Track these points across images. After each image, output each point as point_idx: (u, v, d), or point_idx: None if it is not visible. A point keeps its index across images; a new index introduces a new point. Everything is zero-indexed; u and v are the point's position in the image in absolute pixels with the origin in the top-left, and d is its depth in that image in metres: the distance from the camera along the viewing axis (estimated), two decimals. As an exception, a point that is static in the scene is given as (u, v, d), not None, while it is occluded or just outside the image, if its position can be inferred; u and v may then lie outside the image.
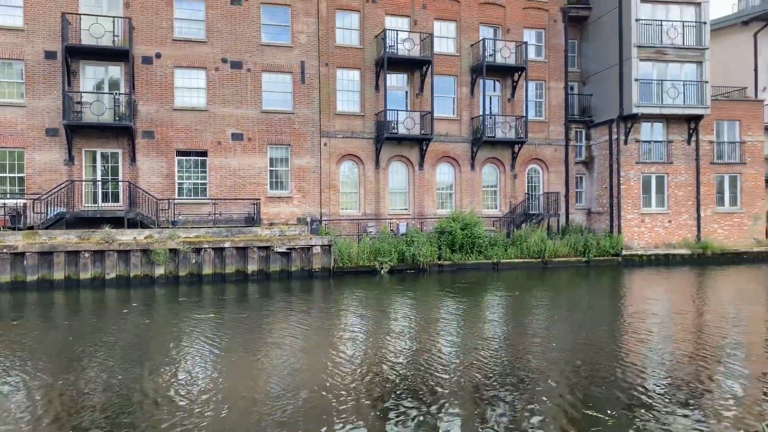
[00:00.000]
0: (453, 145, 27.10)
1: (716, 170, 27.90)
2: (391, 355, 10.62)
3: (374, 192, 25.95)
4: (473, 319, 14.51)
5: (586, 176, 29.41)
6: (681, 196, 27.47)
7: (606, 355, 10.68)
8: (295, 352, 10.94)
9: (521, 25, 28.08)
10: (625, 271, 24.32)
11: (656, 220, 27.27)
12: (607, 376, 9.28)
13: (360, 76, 26.00)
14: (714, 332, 12.81)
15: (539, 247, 24.84)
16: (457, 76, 27.28)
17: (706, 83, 26.57)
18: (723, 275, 22.84)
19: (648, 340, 11.97)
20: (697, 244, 26.83)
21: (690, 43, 26.60)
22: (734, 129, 28.26)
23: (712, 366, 9.94)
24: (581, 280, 22.07)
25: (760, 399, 8.27)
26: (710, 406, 7.96)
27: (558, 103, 28.73)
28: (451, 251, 23.90)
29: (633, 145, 27.10)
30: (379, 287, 19.76)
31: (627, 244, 26.60)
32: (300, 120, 24.85)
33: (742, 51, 31.41)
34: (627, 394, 8.45)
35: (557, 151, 28.61)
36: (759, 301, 17.22)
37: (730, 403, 8.09)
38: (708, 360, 10.33)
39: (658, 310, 15.86)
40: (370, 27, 26.04)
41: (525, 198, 27.92)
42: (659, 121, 27.31)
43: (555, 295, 18.52)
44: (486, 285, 20.21)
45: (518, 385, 8.83)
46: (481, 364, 10.01)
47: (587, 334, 12.53)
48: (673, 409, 7.80)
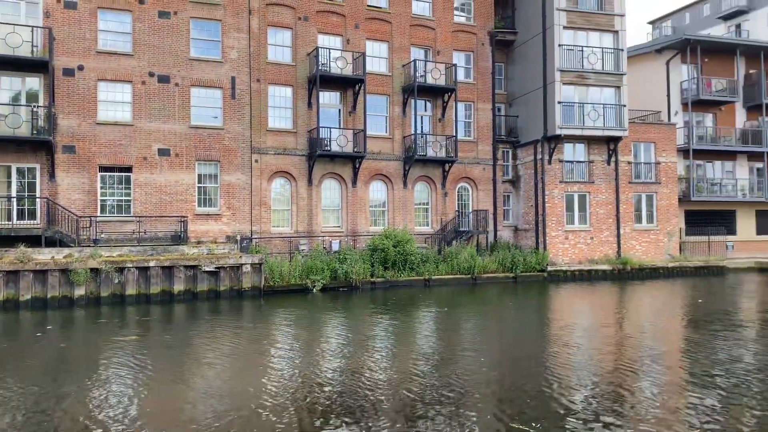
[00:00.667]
0: (386, 163, 27.35)
1: (634, 189, 29.39)
2: (324, 374, 10.52)
3: (307, 209, 25.79)
4: (405, 335, 14.60)
5: (513, 194, 30.31)
6: (602, 213, 28.74)
7: (534, 367, 10.95)
8: (223, 374, 10.65)
9: (451, 47, 28.82)
10: (551, 286, 25.12)
11: (579, 236, 28.38)
12: (534, 389, 9.49)
13: (292, 93, 25.91)
14: (635, 344, 13.44)
15: (469, 263, 25.32)
16: (390, 96, 27.64)
17: (624, 107, 28.04)
18: (641, 289, 23.97)
19: (573, 353, 12.39)
20: (618, 260, 28.07)
21: (609, 68, 28.05)
22: (650, 150, 29.91)
23: (634, 376, 10.35)
24: (509, 295, 22.63)
25: (679, 406, 8.66)
26: (633, 415, 8.26)
27: (486, 124, 29.57)
28: (383, 268, 23.99)
29: (557, 165, 28.19)
30: (311, 306, 19.58)
31: (552, 260, 27.52)
32: (230, 136, 24.47)
33: (656, 77, 33.37)
34: (554, 405, 8.66)
35: (486, 170, 29.38)
36: (674, 314, 18.17)
37: (652, 411, 8.43)
38: (630, 370, 10.75)
39: (582, 323, 16.48)
40: (302, 44, 26.05)
41: (455, 215, 28.45)
42: (581, 142, 28.56)
43: (484, 311, 18.91)
44: (418, 302, 20.39)
45: (449, 400, 8.90)
46: (413, 381, 10.05)
47: (515, 348, 12.85)
48: (598, 419, 8.05)
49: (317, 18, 26.39)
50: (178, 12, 23.72)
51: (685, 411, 8.44)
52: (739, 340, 13.55)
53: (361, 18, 27.13)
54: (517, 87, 30.41)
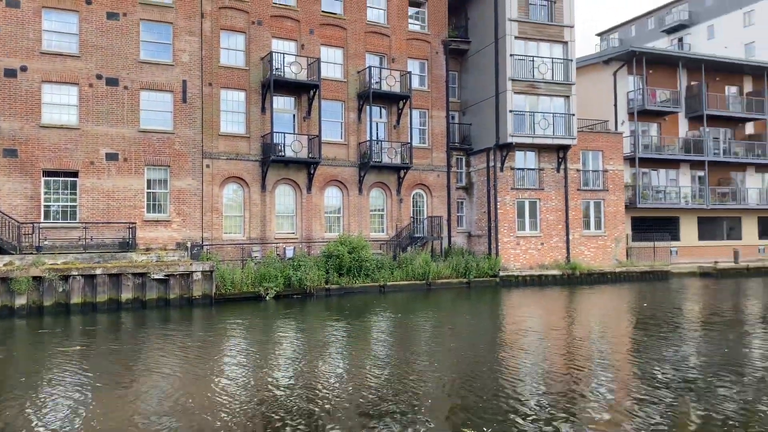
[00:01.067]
0: (341, 169, 27.31)
1: (583, 196, 30.18)
2: (278, 382, 10.38)
3: (260, 216, 25.49)
4: (359, 342, 14.57)
5: (467, 201, 30.70)
6: (552, 220, 29.39)
7: (487, 371, 11.07)
8: (173, 384, 10.39)
9: (405, 55, 29.04)
10: (503, 291, 25.53)
11: (530, 242, 28.94)
12: (488, 393, 9.59)
13: (246, 98, 25.62)
14: (585, 346, 13.82)
15: (424, 269, 25.49)
16: (345, 102, 27.64)
17: (573, 116, 28.79)
18: (590, 294, 24.59)
19: (525, 356, 12.61)
20: (567, 265, 28.74)
21: (559, 78, 28.76)
22: (598, 158, 30.78)
23: (585, 378, 10.62)
24: (463, 300, 22.88)
25: (627, 406, 8.90)
26: (583, 415, 8.44)
27: (440, 131, 29.88)
28: (338, 275, 23.90)
29: (508, 172, 28.70)
30: (264, 313, 19.34)
31: (504, 265, 27.97)
32: (181, 140, 24.00)
33: (604, 87, 34.41)
34: (507, 408, 8.77)
35: (440, 177, 29.67)
36: (621, 317, 18.75)
37: (602, 411, 8.65)
38: (581, 372, 11.03)
39: (534, 327, 16.79)
40: (256, 49, 25.81)
41: (410, 222, 28.62)
42: (532, 150, 29.17)
43: (438, 316, 19.05)
44: (373, 308, 20.39)
45: (403, 406, 8.91)
46: (367, 386, 10.04)
47: (469, 353, 12.97)
48: (550, 421, 8.18)
49: (271, 22, 26.20)
50: (127, 14, 23.16)
51: (634, 411, 8.66)
52: (684, 341, 14.04)
53: (316, 23, 27.07)
54: (470, 95, 30.86)
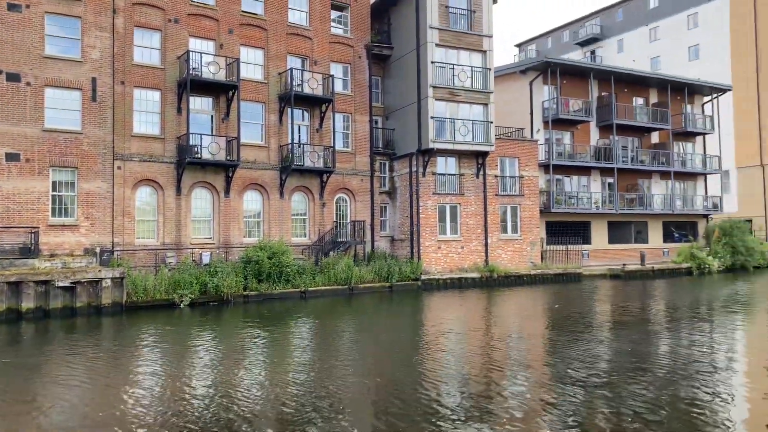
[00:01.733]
0: (261, 172, 26.78)
1: (500, 201, 31.02)
2: (193, 392, 9.98)
3: (175, 220, 24.59)
4: (279, 348, 14.28)
5: (390, 205, 30.87)
6: (471, 224, 30.03)
7: (408, 374, 11.15)
8: (80, 396, 9.75)
9: (328, 58, 28.90)
10: (425, 294, 25.80)
11: (451, 246, 29.44)
12: (409, 395, 9.66)
13: (161, 98, 24.69)
14: (502, 347, 14.23)
15: (346, 274, 25.36)
16: (265, 104, 27.15)
17: (491, 123, 29.55)
18: (507, 296, 25.26)
19: (446, 358, 12.84)
20: (485, 268, 29.41)
21: (478, 86, 29.46)
22: (515, 165, 31.74)
23: (502, 377, 10.93)
24: (385, 304, 22.94)
25: (543, 405, 9.15)
26: (502, 414, 8.62)
27: (364, 136, 29.91)
28: (257, 281, 23.38)
29: (430, 178, 29.09)
30: (178, 321, 18.62)
31: (426, 269, 28.30)
32: (90, 141, 22.80)
33: (521, 96, 35.54)
34: (427, 410, 8.83)
35: (363, 181, 29.69)
36: (537, 318, 19.38)
37: (520, 410, 8.86)
38: (498, 372, 11.34)
39: (454, 329, 17.08)
40: (172, 47, 24.92)
41: (333, 226, 28.44)
42: (453, 156, 29.71)
43: (360, 320, 19.02)
44: (293, 314, 20.06)
45: (326, 411, 8.80)
46: (288, 393, 9.86)
47: (390, 356, 13.03)
48: (469, 420, 8.28)
49: (188, 21, 25.39)
50: (30, 5, 21.80)
51: (549, 409, 8.92)
52: (595, 340, 14.60)
53: (236, 23, 26.47)
54: (393, 100, 31.07)
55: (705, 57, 52.05)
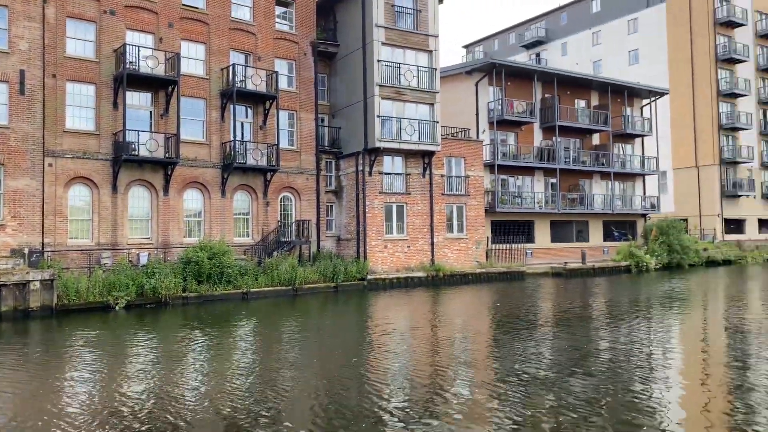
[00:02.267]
0: (202, 170, 26.06)
1: (446, 201, 31.17)
2: (126, 398, 9.51)
3: (111, 219, 23.64)
4: (217, 352, 13.82)
5: (336, 205, 30.59)
6: (418, 223, 30.06)
7: (353, 375, 11.00)
8: (1, 405, 9.13)
9: (272, 54, 28.37)
10: (370, 294, 25.65)
11: (397, 245, 29.40)
12: (354, 396, 9.53)
13: (95, 92, 23.70)
14: (447, 345, 14.27)
15: (290, 274, 24.94)
16: (207, 100, 26.44)
17: (437, 123, 29.65)
18: (452, 295, 25.37)
19: (391, 358, 12.74)
20: (431, 267, 29.51)
21: (424, 86, 29.50)
22: (460, 165, 31.96)
23: (447, 376, 10.91)
24: (330, 305, 22.67)
25: (488, 403, 9.15)
26: (446, 414, 8.56)
27: (309, 134, 29.52)
28: (197, 282, 22.71)
29: (377, 177, 28.96)
30: (112, 325, 17.87)
31: (372, 268, 28.15)
32: (17, 136, 21.65)
33: (467, 97, 35.83)
34: (373, 411, 8.71)
35: (309, 180, 29.30)
36: (481, 317, 19.52)
37: (466, 409, 8.83)
38: (443, 371, 11.32)
39: (399, 328, 17.03)
40: (108, 40, 23.96)
41: (278, 226, 27.96)
42: (399, 155, 29.67)
43: (304, 321, 18.71)
44: (234, 316, 19.56)
45: (269, 413, 8.55)
46: (230, 396, 9.55)
47: (335, 358, 12.82)
48: (414, 420, 8.19)
49: (125, 13, 24.46)
50: (-50, -9, 20.53)
51: (493, 408, 8.92)
52: (538, 338, 14.76)
53: (176, 17, 25.67)
54: (339, 99, 30.80)
55: (644, 61, 53.83)
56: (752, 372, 11.00)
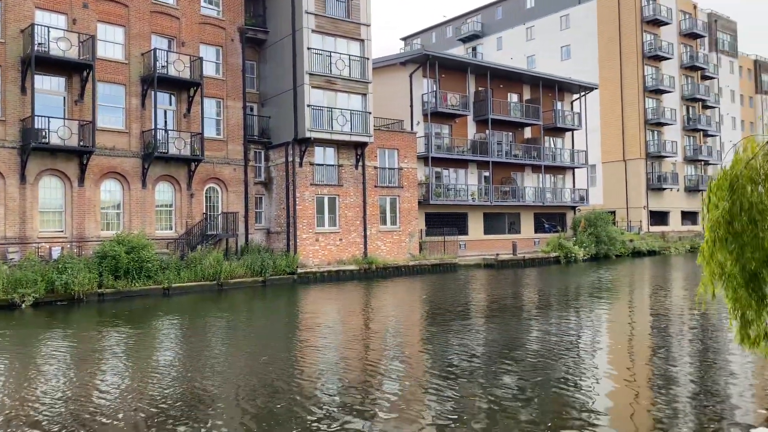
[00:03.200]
0: (121, 159, 24.75)
1: (380, 193, 30.85)
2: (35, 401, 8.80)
3: (19, 211, 22.10)
4: (137, 350, 13.07)
5: (266, 197, 29.76)
6: (350, 216, 29.62)
7: (283, 371, 10.71)
8: None
9: (197, 39, 27.22)
10: (300, 288, 25.05)
11: (329, 238, 28.87)
12: (283, 393, 9.19)
13: (0, 75, 22.04)
14: (378, 339, 14.07)
15: (215, 269, 24.02)
16: (126, 86, 25.10)
17: (370, 114, 29.22)
18: (385, 287, 25.11)
19: (322, 353, 12.49)
20: (364, 260, 29.14)
21: (356, 76, 28.99)
22: (394, 157, 31.68)
23: (378, 371, 10.66)
24: (257, 300, 21.99)
25: (420, 396, 9.05)
26: (377, 410, 8.38)
27: (237, 123, 28.54)
28: (114, 278, 21.53)
29: (308, 168, 28.30)
30: (18, 323, 16.72)
31: (303, 262, 27.53)
32: None
33: (402, 88, 35.56)
34: (303, 408, 8.44)
35: (236, 171, 28.34)
36: (413, 309, 19.39)
37: (395, 402, 8.68)
38: (374, 366, 11.14)
39: (330, 323, 16.74)
40: (14, 19, 22.33)
41: (203, 218, 26.92)
42: (331, 146, 29.09)
43: (230, 317, 18.03)
44: (153, 312, 18.65)
45: (193, 415, 8.10)
46: (151, 397, 9.03)
47: (262, 353, 12.41)
48: (345, 416, 8.01)
49: (34, -10, 22.86)
50: None
51: (425, 401, 8.79)
52: (468, 329, 14.65)
53: (91, -3, 24.20)
54: (269, 87, 29.92)
55: (576, 57, 55.06)
56: (674, 357, 11.30)
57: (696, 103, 56.08)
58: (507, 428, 7.60)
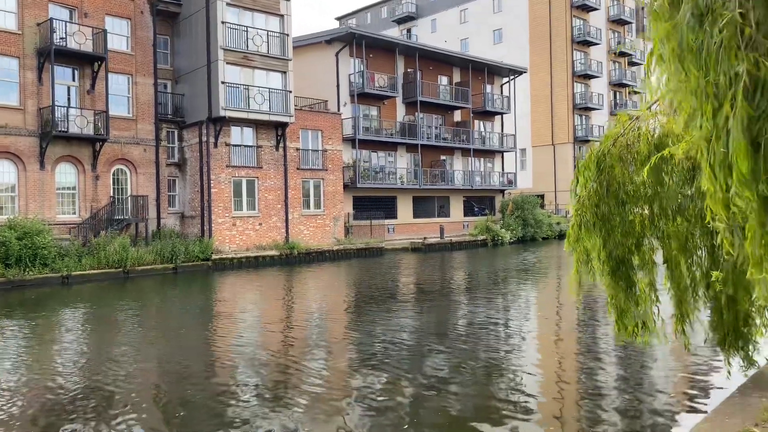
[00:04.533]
0: (15, 138, 22.83)
1: (302, 175, 29.86)
2: None
3: None
4: (31, 346, 11.84)
5: (180, 179, 28.28)
6: (271, 199, 28.53)
7: (198, 364, 10.05)
8: None
9: (102, 11, 25.35)
10: (216, 275, 23.93)
11: (248, 223, 27.73)
12: (201, 387, 8.57)
13: None
14: (299, 327, 13.52)
15: (120, 255, 22.56)
16: (20, 58, 23.11)
17: (290, 93, 28.09)
18: (308, 273, 24.31)
19: (239, 344, 11.76)
20: (286, 245, 28.18)
21: (275, 52, 27.75)
22: (317, 138, 30.70)
23: (300, 360, 10.12)
24: (167, 288, 20.78)
25: (341, 387, 8.53)
26: (299, 401, 7.87)
27: (147, 100, 26.87)
28: (5, 266, 19.86)
29: (224, 149, 27.00)
30: None
31: (218, 248, 26.33)
32: None
33: (327, 68, 34.49)
34: (220, 403, 7.82)
35: (147, 152, 26.74)
36: (339, 294, 18.84)
37: (320, 393, 8.22)
38: (296, 354, 10.60)
39: (246, 312, 15.98)
40: None
41: (110, 202, 25.28)
42: (249, 126, 27.83)
43: (134, 306, 16.86)
44: (49, 302, 17.24)
45: (90, 414, 7.38)
46: (43, 396, 8.17)
47: (175, 345, 11.64)
48: (264, 408, 7.60)
49: None
50: None
51: (353, 388, 8.41)
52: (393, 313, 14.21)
53: (-25, -42, 22.04)
54: (183, 63, 28.32)
55: (507, 40, 55.21)
56: (598, 334, 11.40)
57: (623, 89, 57.35)
58: (431, 414, 7.20)
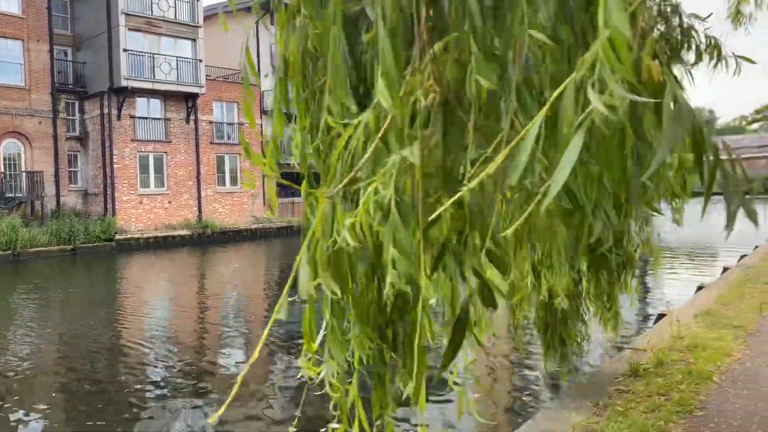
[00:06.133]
0: None
1: (217, 150, 28.36)
2: None
3: None
4: None
5: (82, 153, 26.37)
6: (181, 176, 26.97)
7: (101, 354, 9.26)
8: None
9: (-15, -33, 23.04)
10: (120, 257, 22.45)
11: (156, 201, 26.14)
12: (106, 379, 7.90)
13: None
14: (212, 313, 12.61)
15: (9, 236, 20.81)
16: None
17: (201, 62, 26.46)
18: (222, 254, 23.16)
19: (145, 330, 10.89)
20: (198, 224, 26.77)
21: (183, 18, 26.01)
22: (233, 111, 29.16)
23: (214, 348, 9.63)
24: (64, 272, 19.27)
25: (256, 378, 7.75)
26: (218, 388, 7.42)
27: (43, 69, 24.76)
28: None
29: (128, 121, 25.23)
30: None
31: (123, 227, 24.72)
32: None
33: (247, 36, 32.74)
34: (125, 395, 7.23)
35: (43, 124, 24.71)
36: (257, 277, 17.96)
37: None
38: (209, 342, 10.03)
39: (153, 296, 15.03)
40: None
41: (1, 178, 23.27)
42: (156, 97, 26.09)
43: (23, 295, 15.28)
44: None
45: None
46: None
47: (70, 336, 10.61)
48: (176, 399, 7.11)
49: None
50: None
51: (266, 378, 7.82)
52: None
53: None
54: (84, 29, 26.24)
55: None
56: None
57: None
58: None
